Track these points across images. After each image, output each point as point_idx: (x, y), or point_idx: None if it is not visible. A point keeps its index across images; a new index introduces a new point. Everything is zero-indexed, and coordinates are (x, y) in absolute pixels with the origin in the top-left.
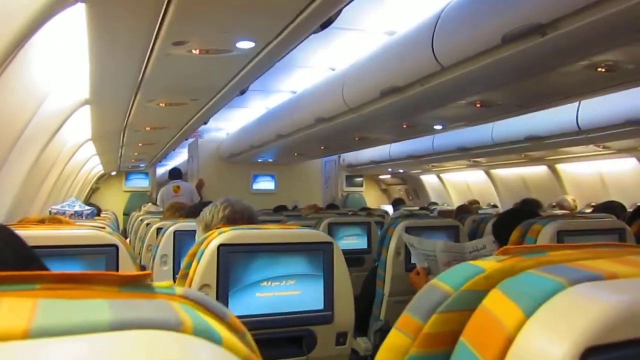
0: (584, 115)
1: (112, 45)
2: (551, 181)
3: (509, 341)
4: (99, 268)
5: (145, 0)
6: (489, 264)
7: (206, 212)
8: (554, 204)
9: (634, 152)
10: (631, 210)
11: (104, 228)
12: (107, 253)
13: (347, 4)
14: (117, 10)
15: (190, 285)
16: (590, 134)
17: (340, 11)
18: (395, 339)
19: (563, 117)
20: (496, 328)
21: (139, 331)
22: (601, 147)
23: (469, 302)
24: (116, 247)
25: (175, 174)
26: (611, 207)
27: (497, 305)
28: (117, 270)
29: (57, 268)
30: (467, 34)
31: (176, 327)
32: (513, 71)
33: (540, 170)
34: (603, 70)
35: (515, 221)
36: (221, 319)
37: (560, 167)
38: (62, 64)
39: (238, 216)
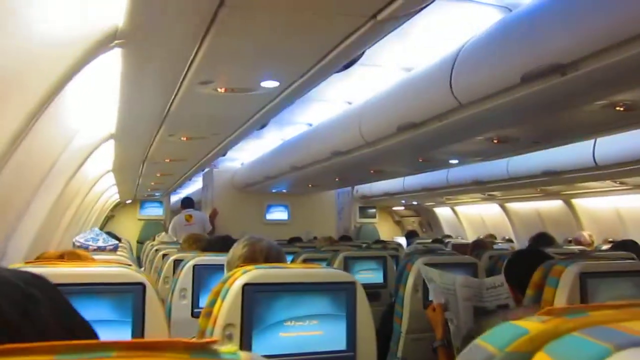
0: (601, 151)
1: (142, 85)
2: (567, 216)
3: None
4: (125, 306)
5: (178, 43)
6: (532, 324)
7: (230, 252)
8: (570, 239)
9: None
10: None
11: (130, 265)
12: (134, 292)
13: (371, 46)
14: (151, 54)
15: (214, 324)
16: (606, 170)
17: (363, 53)
18: None
19: (580, 152)
20: None
21: None
22: (618, 182)
23: None
24: (143, 285)
25: (187, 203)
26: (631, 245)
27: None
28: (144, 309)
29: (83, 306)
30: (486, 72)
31: None
32: (531, 109)
33: (556, 204)
34: (621, 109)
35: (526, 263)
36: None
37: (576, 201)
38: (92, 102)
39: (257, 255)
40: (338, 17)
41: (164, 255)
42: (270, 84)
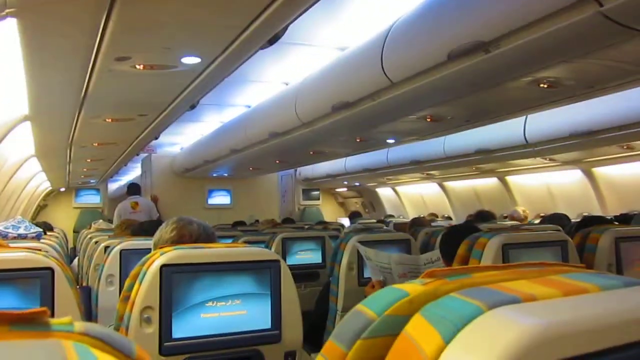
0: (531, 129)
1: (49, 61)
2: (502, 193)
3: None
4: (33, 293)
5: (81, 16)
6: (413, 287)
7: (157, 234)
8: (505, 215)
9: (578, 163)
10: (577, 220)
11: (39, 250)
12: (42, 277)
13: (293, 21)
14: (51, 26)
15: (132, 308)
16: (537, 147)
17: (286, 27)
18: None
19: (511, 131)
20: (416, 355)
21: None
22: (548, 159)
23: (393, 327)
24: (52, 270)
25: (133, 189)
26: (557, 218)
27: (418, 330)
28: (53, 295)
29: None
30: (414, 50)
31: None
32: (460, 87)
33: (492, 182)
34: (545, 86)
35: (458, 238)
36: (126, 356)
37: (510, 179)
38: None
39: (186, 238)
40: None
41: (96, 242)
42: (191, 59)
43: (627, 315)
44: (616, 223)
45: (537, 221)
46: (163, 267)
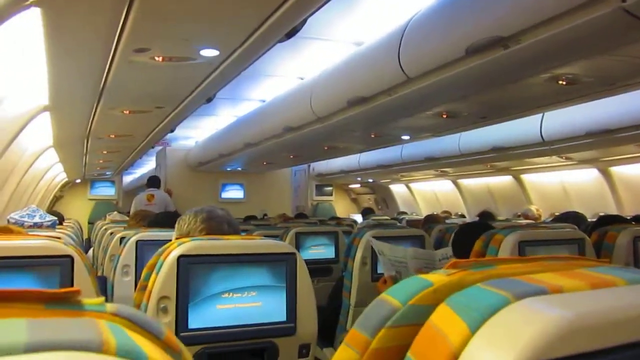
0: (547, 127)
1: (70, 51)
2: (516, 191)
3: (455, 357)
4: (52, 281)
5: (103, 6)
6: (437, 277)
7: (182, 224)
8: (519, 213)
9: (595, 162)
10: (593, 220)
11: (59, 238)
12: (61, 264)
13: (312, 14)
14: (73, 16)
15: (149, 298)
16: (553, 145)
17: (305, 20)
18: (343, 354)
19: (527, 129)
20: (442, 344)
21: (56, 353)
22: (564, 158)
23: (418, 316)
24: (71, 258)
25: (151, 182)
26: (572, 217)
27: (444, 320)
28: (72, 282)
29: (6, 281)
30: (432, 45)
31: (97, 348)
32: (477, 82)
33: (506, 180)
34: (564, 83)
35: (472, 235)
36: (156, 337)
37: (524, 177)
38: (20, 69)
39: (217, 227)
40: None
41: (111, 233)
42: (210, 52)
43: None
44: (633, 223)
45: (550, 220)
46: (180, 257)
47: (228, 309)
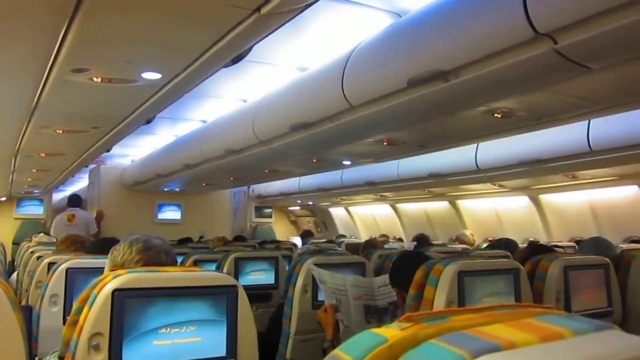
0: (482, 155)
1: (2, 65)
2: (452, 216)
3: None
4: None
5: (42, 25)
6: (391, 332)
7: (117, 255)
8: (453, 238)
9: (526, 190)
10: (524, 245)
11: None
12: None
13: (257, 42)
14: (9, 28)
15: (80, 334)
16: (487, 173)
17: (251, 48)
18: None
19: (463, 156)
20: None
21: None
22: (497, 185)
23: None
24: None
25: (73, 201)
26: (504, 243)
27: None
28: None
29: None
30: (375, 75)
31: None
32: (418, 113)
33: (443, 205)
34: (499, 116)
35: (409, 266)
36: None
37: (460, 203)
38: None
39: (154, 258)
40: (222, 8)
41: (38, 258)
42: (152, 75)
43: None
44: (561, 250)
45: (484, 245)
46: (115, 291)
47: (166, 344)
